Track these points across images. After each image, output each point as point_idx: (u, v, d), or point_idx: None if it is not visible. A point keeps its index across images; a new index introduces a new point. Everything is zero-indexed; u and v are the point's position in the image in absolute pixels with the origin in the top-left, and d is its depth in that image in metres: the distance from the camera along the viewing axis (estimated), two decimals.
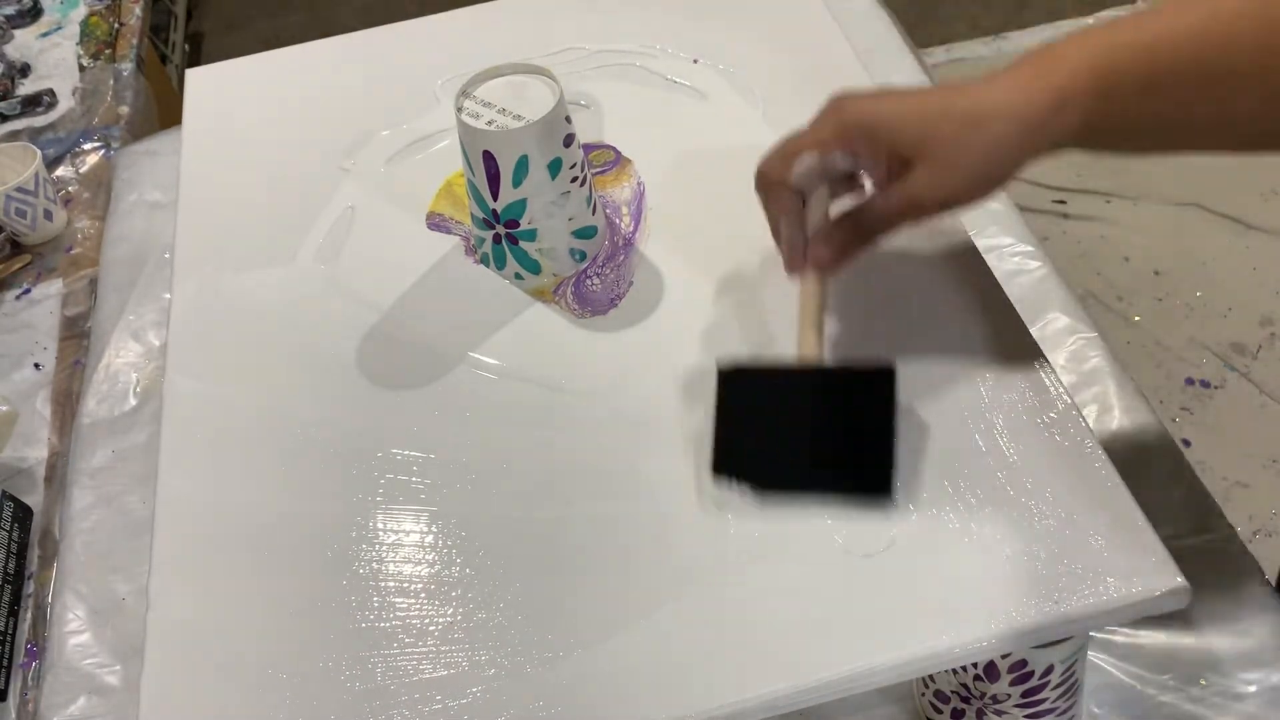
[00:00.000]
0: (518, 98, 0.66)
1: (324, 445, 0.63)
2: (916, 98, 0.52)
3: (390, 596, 0.56)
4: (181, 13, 2.34)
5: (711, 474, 0.56)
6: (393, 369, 0.67)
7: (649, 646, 0.53)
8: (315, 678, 0.54)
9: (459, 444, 0.62)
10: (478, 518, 0.59)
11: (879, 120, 0.51)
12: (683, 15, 0.88)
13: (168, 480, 0.63)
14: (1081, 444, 0.57)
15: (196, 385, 0.68)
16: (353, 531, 0.59)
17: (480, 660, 0.54)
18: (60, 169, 1.22)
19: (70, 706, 0.72)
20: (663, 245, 0.72)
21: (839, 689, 0.51)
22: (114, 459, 0.85)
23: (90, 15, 1.48)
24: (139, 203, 1.07)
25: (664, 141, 0.78)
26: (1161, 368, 1.68)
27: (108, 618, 0.76)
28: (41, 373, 0.97)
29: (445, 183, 0.78)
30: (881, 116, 0.51)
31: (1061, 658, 0.55)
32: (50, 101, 1.32)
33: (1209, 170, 1.92)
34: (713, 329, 0.66)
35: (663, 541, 0.57)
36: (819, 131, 0.54)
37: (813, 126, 0.54)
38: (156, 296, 0.96)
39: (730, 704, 0.51)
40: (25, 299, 1.05)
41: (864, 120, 0.52)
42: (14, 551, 0.82)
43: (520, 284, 0.71)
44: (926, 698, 0.63)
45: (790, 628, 0.53)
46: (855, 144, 0.53)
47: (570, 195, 0.68)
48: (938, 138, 0.50)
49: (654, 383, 0.64)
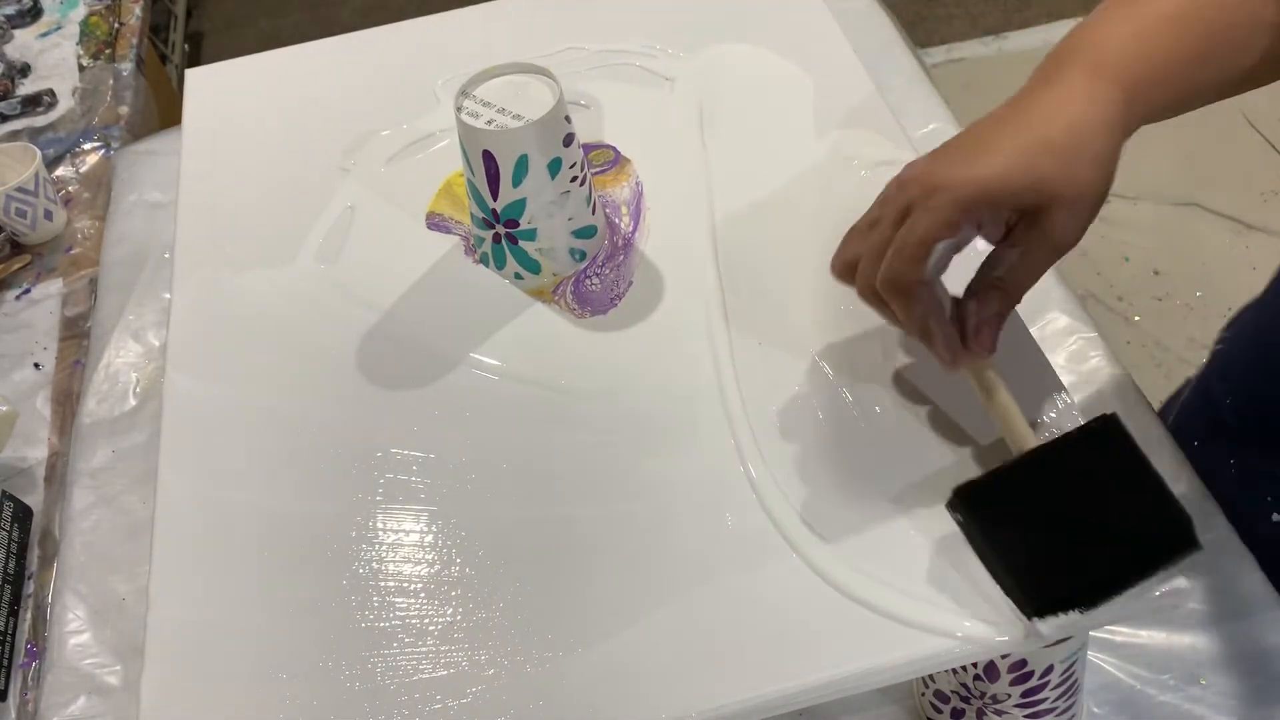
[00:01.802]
0: (517, 97, 0.66)
1: (324, 445, 0.64)
2: (1003, 142, 0.49)
3: (390, 596, 0.56)
4: (181, 13, 2.34)
5: (1033, 619, 0.50)
6: (393, 369, 0.67)
7: (649, 646, 0.53)
8: (315, 678, 0.54)
9: (459, 444, 0.62)
10: (478, 518, 0.59)
11: (994, 185, 0.48)
12: (683, 15, 0.88)
13: (168, 480, 0.63)
14: None
15: (196, 385, 0.68)
16: (353, 531, 0.59)
17: (480, 660, 0.54)
18: (60, 169, 1.21)
19: (70, 706, 0.72)
20: (662, 245, 0.72)
21: (839, 689, 0.51)
22: (114, 459, 0.85)
23: (90, 15, 1.48)
24: (139, 203, 1.07)
25: (663, 141, 0.79)
26: (1161, 368, 1.68)
27: (108, 618, 0.76)
28: (41, 373, 0.97)
29: (445, 183, 0.78)
30: (995, 181, 0.48)
31: (1061, 658, 0.55)
32: (50, 101, 1.32)
33: (1209, 170, 1.92)
34: (713, 328, 0.66)
35: (663, 541, 0.57)
36: (938, 216, 0.48)
37: (924, 212, 0.49)
38: (156, 296, 0.96)
39: (730, 704, 0.51)
40: (25, 299, 1.05)
41: (980, 189, 0.48)
42: (14, 551, 0.82)
43: (520, 284, 0.71)
44: (926, 698, 0.63)
45: (790, 628, 0.53)
46: (980, 216, 0.49)
47: (570, 195, 0.68)
48: (1057, 179, 0.48)
49: (654, 383, 0.64)
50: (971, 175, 0.48)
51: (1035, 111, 0.49)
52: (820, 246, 0.69)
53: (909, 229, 0.49)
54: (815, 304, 0.66)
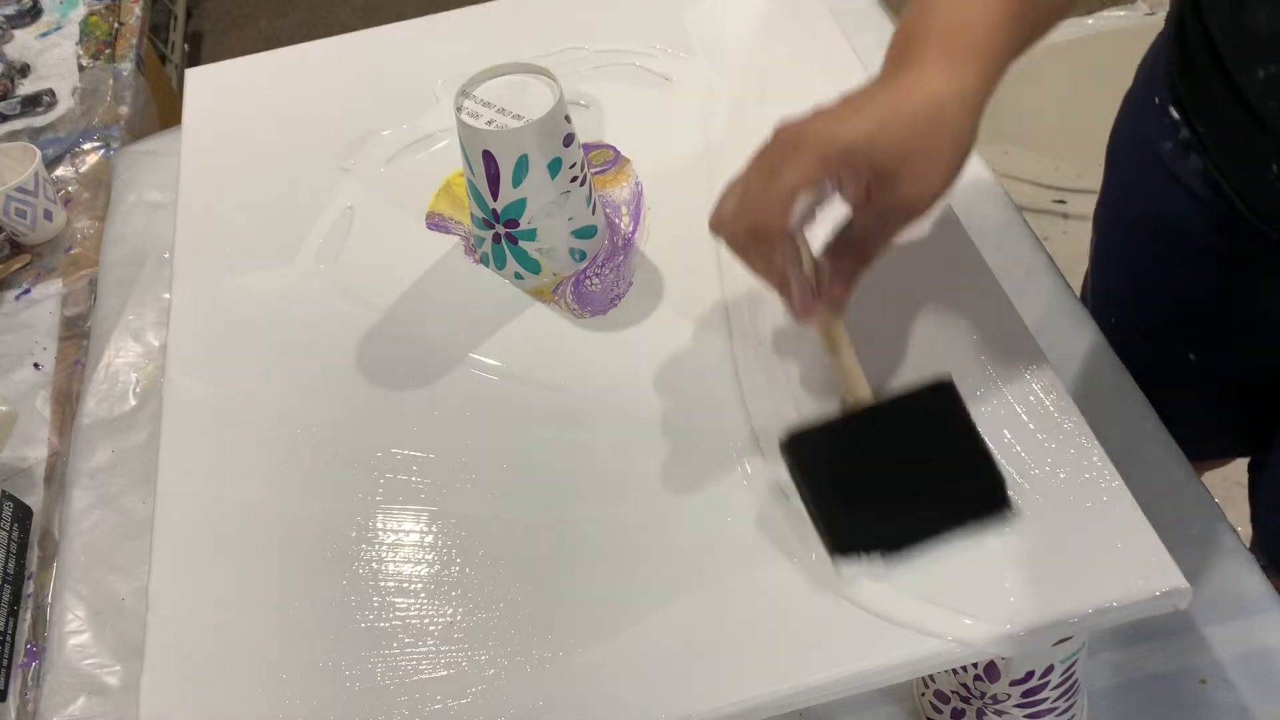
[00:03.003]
0: (517, 97, 0.66)
1: (324, 445, 0.64)
2: (868, 109, 0.52)
3: (390, 596, 0.56)
4: (181, 13, 2.34)
5: (836, 557, 0.53)
6: (393, 369, 0.67)
7: (649, 646, 0.53)
8: (315, 678, 0.54)
9: (459, 444, 0.62)
10: (478, 518, 0.59)
11: (854, 143, 0.51)
12: (683, 15, 0.88)
13: (168, 480, 0.63)
14: (1081, 444, 0.57)
15: (196, 385, 0.68)
16: (353, 531, 0.59)
17: (480, 660, 0.54)
18: (60, 169, 1.22)
19: (70, 706, 0.72)
20: (662, 245, 0.72)
21: (838, 689, 0.51)
22: (114, 459, 0.85)
23: (90, 15, 1.48)
24: (139, 203, 1.07)
25: (663, 141, 0.79)
26: None
27: (108, 618, 0.76)
28: (41, 373, 0.97)
29: (445, 182, 0.78)
30: (856, 141, 0.51)
31: (1061, 658, 0.55)
32: (50, 101, 1.33)
33: None
34: (713, 328, 0.66)
35: (662, 541, 0.57)
36: (801, 168, 0.51)
37: (789, 165, 0.51)
38: (156, 296, 0.96)
39: (730, 704, 0.51)
40: (25, 299, 1.05)
41: (843, 147, 0.51)
42: (14, 551, 0.82)
43: (520, 284, 0.71)
44: (926, 698, 0.63)
45: (790, 627, 0.53)
46: (840, 172, 0.52)
47: (570, 195, 0.68)
48: (912, 144, 0.51)
49: (654, 382, 0.64)
50: (836, 133, 0.51)
51: (899, 87, 0.53)
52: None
53: (774, 180, 0.52)
54: None
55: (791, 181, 0.51)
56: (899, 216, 0.54)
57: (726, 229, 0.55)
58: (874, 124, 0.51)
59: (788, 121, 0.53)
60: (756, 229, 0.53)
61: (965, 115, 0.52)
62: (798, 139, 0.52)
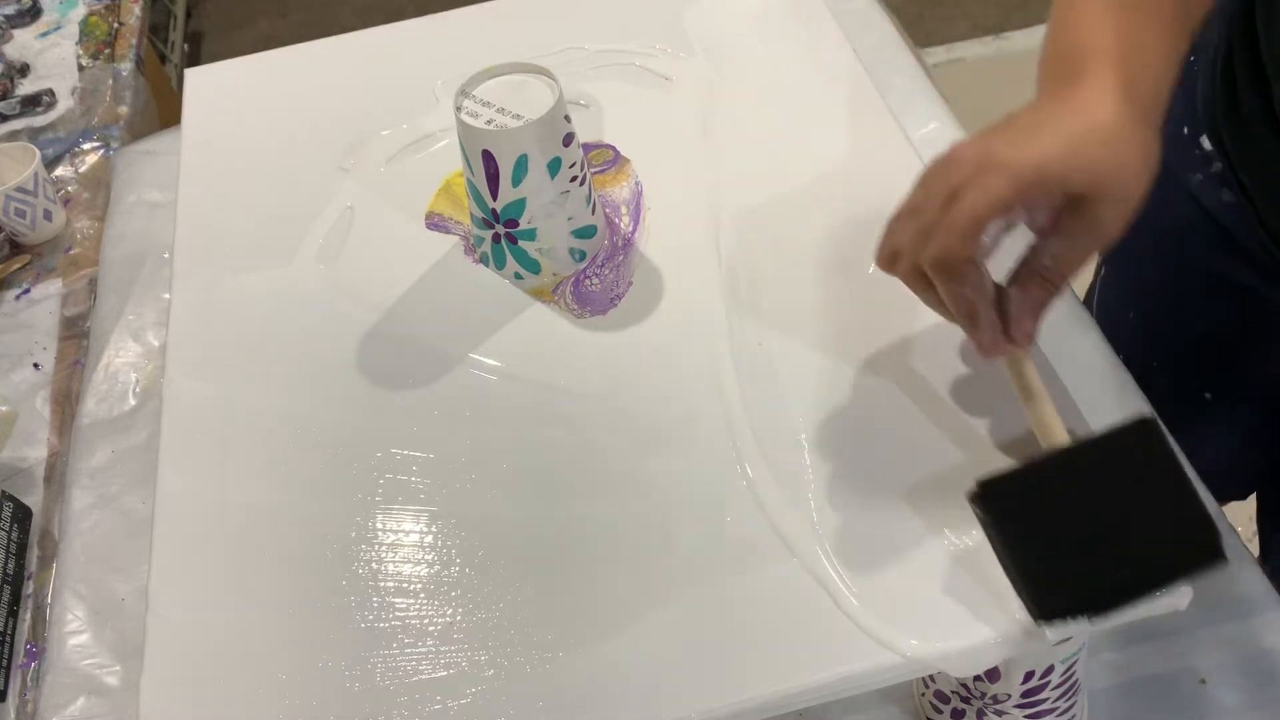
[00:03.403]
0: (517, 97, 0.66)
1: (324, 445, 0.63)
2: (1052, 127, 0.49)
3: (390, 596, 0.56)
4: (181, 13, 2.34)
5: (1041, 623, 0.48)
6: (393, 369, 0.67)
7: (649, 646, 0.53)
8: (315, 678, 0.54)
9: (459, 444, 0.62)
10: (478, 518, 0.59)
11: (1049, 166, 0.47)
12: (683, 15, 0.88)
13: (167, 480, 0.63)
14: None
15: (196, 385, 0.68)
16: (352, 531, 0.59)
17: (480, 660, 0.54)
18: (60, 169, 1.21)
19: (70, 707, 0.72)
20: (662, 245, 0.72)
21: (838, 689, 0.51)
22: (114, 459, 0.85)
23: (90, 15, 1.48)
24: (138, 203, 1.07)
25: (663, 141, 0.78)
26: None
27: (108, 618, 0.76)
28: (41, 373, 0.97)
29: (444, 182, 0.78)
30: (1050, 162, 0.47)
31: (1061, 658, 0.55)
32: (50, 101, 1.32)
33: None
34: (712, 329, 0.66)
35: (662, 541, 0.57)
36: (991, 190, 0.47)
37: (975, 188, 0.48)
38: (156, 296, 0.96)
39: (730, 704, 0.51)
40: (25, 299, 1.05)
41: (1035, 167, 0.47)
42: (14, 552, 0.82)
43: (520, 284, 0.71)
44: (926, 698, 0.63)
45: (790, 627, 0.53)
46: (1033, 198, 0.48)
47: (570, 195, 0.68)
48: (1108, 166, 0.48)
49: (654, 383, 0.64)
50: (1027, 155, 0.48)
51: (1074, 103, 0.49)
52: (820, 246, 0.69)
53: (961, 206, 0.48)
54: (815, 304, 0.66)
55: (979, 205, 0.47)
56: (1090, 242, 0.50)
57: (904, 262, 0.51)
58: (1065, 143, 0.48)
59: (961, 143, 0.50)
60: (942, 259, 0.49)
61: (1151, 131, 0.49)
62: (983, 160, 0.48)
